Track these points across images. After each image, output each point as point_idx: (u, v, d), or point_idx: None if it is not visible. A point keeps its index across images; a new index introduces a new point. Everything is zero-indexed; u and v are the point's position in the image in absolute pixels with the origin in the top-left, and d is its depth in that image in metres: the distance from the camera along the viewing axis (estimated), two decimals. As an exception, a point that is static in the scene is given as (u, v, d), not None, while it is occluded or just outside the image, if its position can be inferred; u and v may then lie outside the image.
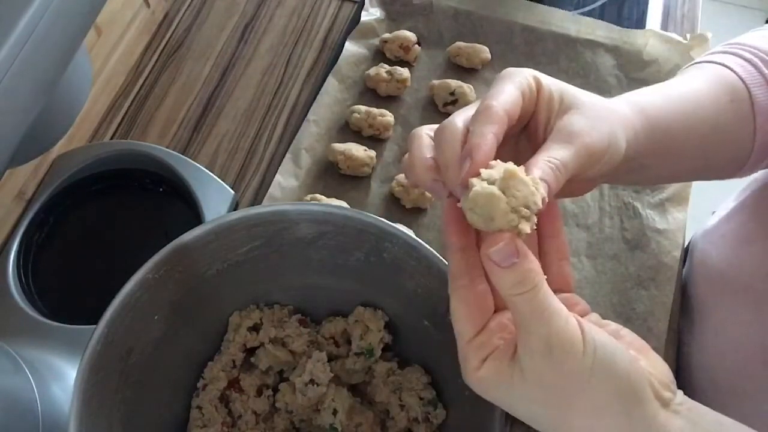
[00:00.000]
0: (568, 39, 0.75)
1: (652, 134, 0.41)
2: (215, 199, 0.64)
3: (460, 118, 0.35)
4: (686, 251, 0.66)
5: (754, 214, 0.55)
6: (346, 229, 0.48)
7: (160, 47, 0.77)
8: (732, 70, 0.46)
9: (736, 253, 0.56)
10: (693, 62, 0.50)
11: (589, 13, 0.78)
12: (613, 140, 0.36)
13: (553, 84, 0.36)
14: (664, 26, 0.80)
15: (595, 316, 0.35)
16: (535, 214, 0.31)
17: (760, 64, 0.46)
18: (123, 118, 0.73)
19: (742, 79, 0.45)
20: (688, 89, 0.45)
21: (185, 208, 0.65)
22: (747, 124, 0.45)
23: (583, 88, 0.39)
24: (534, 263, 0.30)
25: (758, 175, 0.56)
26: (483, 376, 0.33)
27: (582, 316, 0.33)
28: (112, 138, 0.72)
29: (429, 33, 0.76)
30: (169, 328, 0.48)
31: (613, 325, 0.35)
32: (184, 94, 0.74)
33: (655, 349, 0.61)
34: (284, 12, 0.80)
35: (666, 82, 0.47)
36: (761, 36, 0.48)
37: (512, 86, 0.35)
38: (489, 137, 0.32)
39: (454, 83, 0.70)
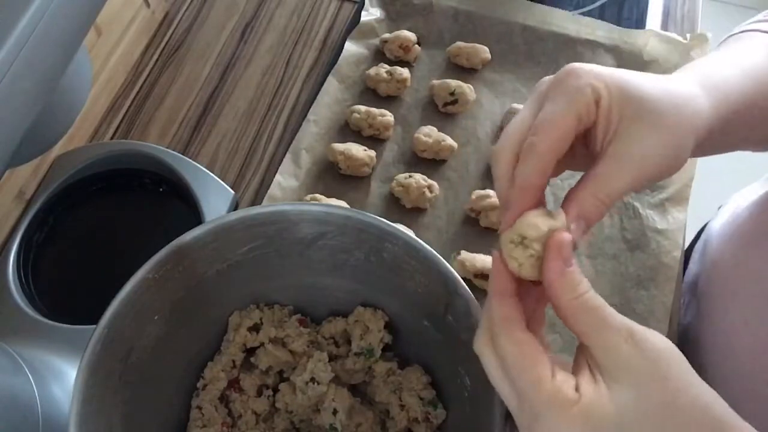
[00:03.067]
0: (568, 39, 0.75)
1: (724, 122, 0.38)
2: (215, 199, 0.64)
3: (510, 142, 0.35)
4: (689, 250, 0.66)
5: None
6: (346, 229, 0.48)
7: (160, 47, 0.77)
8: None
9: (754, 256, 0.55)
10: (738, 31, 0.48)
11: (589, 13, 0.78)
12: (676, 158, 0.34)
13: (614, 91, 0.33)
14: (664, 26, 0.80)
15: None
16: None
17: None
18: (123, 118, 0.73)
19: None
20: (760, 61, 0.42)
21: (185, 208, 0.65)
22: None
23: None
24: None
25: None
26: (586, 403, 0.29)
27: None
28: (112, 138, 0.72)
29: (429, 33, 0.76)
30: (169, 328, 0.48)
31: None
32: (184, 94, 0.74)
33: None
34: (284, 12, 0.80)
35: (730, 50, 0.44)
36: None
37: (567, 111, 0.32)
38: (524, 198, 0.33)
39: (454, 83, 0.70)
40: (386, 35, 0.74)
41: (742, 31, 0.48)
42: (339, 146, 0.66)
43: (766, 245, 0.54)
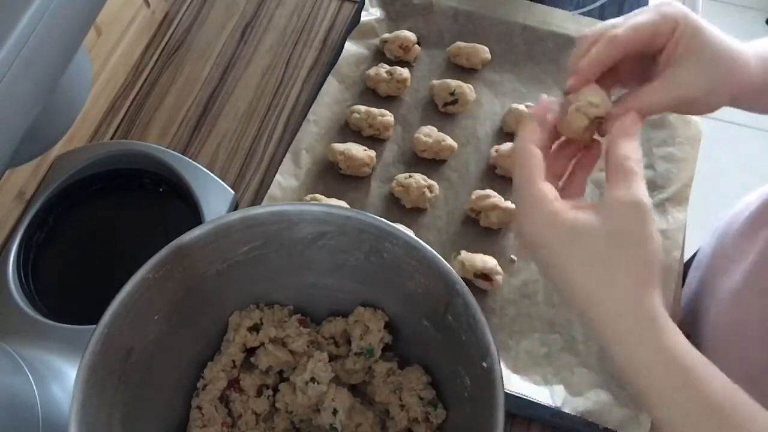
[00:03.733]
0: (568, 39, 0.75)
1: None
2: (215, 199, 0.64)
3: (597, 31, 0.42)
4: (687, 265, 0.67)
5: None
6: (346, 229, 0.48)
7: (160, 47, 0.77)
8: None
9: (758, 236, 0.58)
10: None
11: (589, 13, 0.78)
12: (707, 97, 0.42)
13: (690, 28, 0.40)
14: (664, 26, 0.80)
15: None
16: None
17: None
18: (123, 118, 0.73)
19: None
20: None
21: (185, 208, 0.65)
22: None
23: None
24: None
25: None
26: (560, 210, 0.37)
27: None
28: (112, 138, 0.72)
29: (429, 33, 0.76)
30: (169, 328, 0.48)
31: None
32: (184, 94, 0.74)
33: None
34: (284, 12, 0.80)
35: None
36: None
37: (649, 24, 0.40)
38: (591, 68, 0.41)
39: (454, 83, 0.70)
40: (386, 35, 0.74)
41: None
42: (339, 146, 0.66)
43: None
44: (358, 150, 0.66)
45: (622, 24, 0.41)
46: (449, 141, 0.67)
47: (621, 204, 0.36)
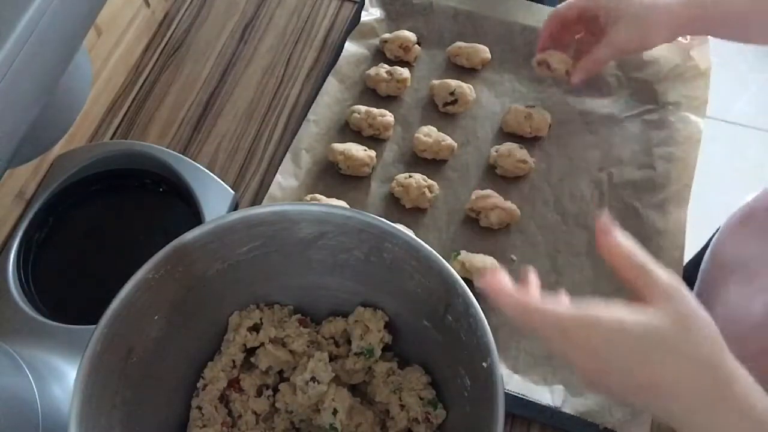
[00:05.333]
0: (568, 39, 0.75)
1: (707, 22, 0.59)
2: (215, 199, 0.64)
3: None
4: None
5: None
6: (346, 229, 0.48)
7: (160, 47, 0.77)
8: None
9: (756, 243, 0.60)
10: None
11: (589, 13, 0.78)
12: (642, 43, 0.61)
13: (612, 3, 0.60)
14: (664, 26, 0.80)
15: None
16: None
17: None
18: (123, 118, 0.73)
19: None
20: None
21: (185, 208, 0.65)
22: None
23: (583, 89, 0.41)
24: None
25: None
26: None
27: None
28: (112, 138, 0.72)
29: (429, 33, 0.76)
30: (169, 328, 0.48)
31: None
32: (184, 94, 0.74)
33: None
34: (284, 12, 0.80)
35: None
36: None
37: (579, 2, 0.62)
38: (543, 35, 0.66)
39: (454, 83, 0.70)
40: (386, 35, 0.74)
41: None
42: (339, 146, 0.66)
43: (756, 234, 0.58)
44: (358, 150, 0.66)
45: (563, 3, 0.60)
46: (449, 141, 0.67)
47: (668, 295, 0.35)
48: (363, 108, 0.69)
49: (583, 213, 0.66)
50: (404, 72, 0.71)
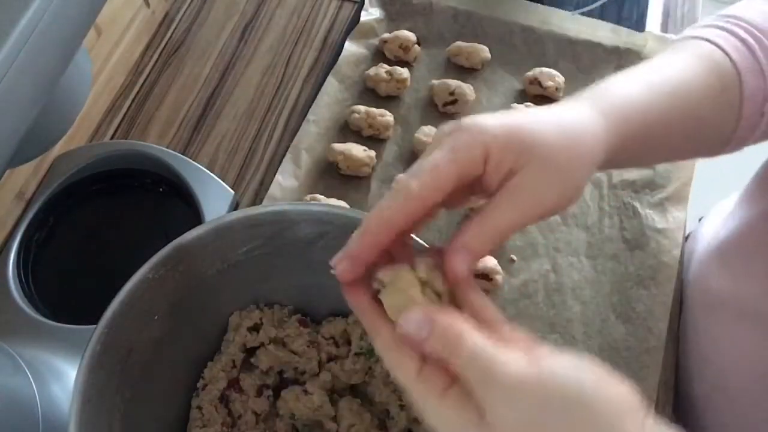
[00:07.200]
0: (567, 39, 0.75)
1: (632, 142, 0.39)
2: (215, 199, 0.64)
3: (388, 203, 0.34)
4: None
5: (754, 231, 0.53)
6: (346, 229, 0.47)
7: (160, 47, 0.77)
8: (727, 54, 0.43)
9: (738, 275, 0.54)
10: (685, 35, 0.47)
11: (589, 14, 0.78)
12: (569, 195, 0.35)
13: (503, 144, 0.33)
14: (664, 26, 0.80)
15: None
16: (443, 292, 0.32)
17: (755, 45, 0.43)
18: (123, 118, 0.73)
19: (735, 65, 0.43)
20: (678, 77, 0.42)
21: (185, 208, 0.65)
22: (733, 111, 0.43)
23: (583, 89, 0.39)
24: (450, 320, 0.29)
25: (754, 187, 0.55)
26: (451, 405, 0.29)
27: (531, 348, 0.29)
28: (112, 138, 0.72)
29: (429, 33, 0.76)
30: (169, 328, 0.48)
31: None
32: (184, 94, 0.74)
33: (654, 348, 0.61)
34: (284, 12, 0.80)
35: (657, 62, 0.44)
36: (759, 11, 0.45)
37: (450, 163, 0.33)
38: (384, 231, 0.34)
39: (453, 83, 0.70)
40: (386, 35, 0.74)
41: (690, 36, 0.46)
42: (339, 146, 0.66)
43: (749, 262, 0.53)
44: (358, 150, 0.66)
45: (415, 169, 0.33)
46: (449, 141, 0.67)
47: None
48: (363, 108, 0.69)
49: (583, 213, 0.66)
50: (404, 72, 0.71)
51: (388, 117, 0.68)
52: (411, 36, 0.73)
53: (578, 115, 0.37)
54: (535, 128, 0.34)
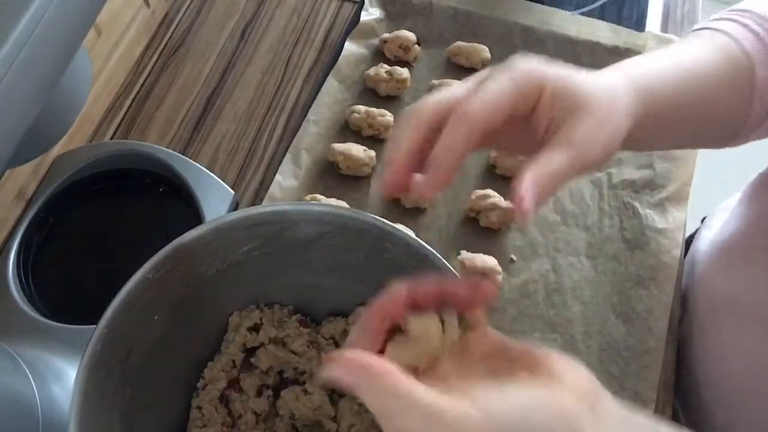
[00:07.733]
0: (567, 39, 0.75)
1: (652, 117, 0.41)
2: (215, 199, 0.64)
3: (431, 106, 0.35)
4: (685, 252, 0.66)
5: (759, 229, 0.54)
6: (346, 229, 0.48)
7: (160, 47, 0.77)
8: (741, 45, 0.44)
9: (743, 275, 0.55)
10: (700, 26, 0.49)
11: (589, 14, 0.78)
12: (610, 149, 0.36)
13: (557, 88, 0.35)
14: (664, 26, 0.80)
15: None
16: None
17: (767, 38, 0.45)
18: (123, 118, 0.73)
19: (749, 56, 0.44)
20: (695, 65, 0.44)
21: (185, 208, 0.65)
22: (744, 101, 0.45)
23: None
24: (367, 361, 0.28)
25: (757, 187, 0.55)
26: None
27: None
28: (112, 138, 0.72)
29: (429, 33, 0.76)
30: (169, 328, 0.48)
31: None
32: (184, 94, 0.74)
33: (654, 348, 0.61)
34: (284, 12, 0.80)
35: (676, 50, 0.46)
36: None
37: (507, 91, 0.34)
38: (449, 159, 0.32)
39: (454, 83, 0.69)
40: (386, 35, 0.74)
41: (705, 27, 0.48)
42: (339, 146, 0.66)
43: (753, 263, 0.53)
44: (358, 150, 0.66)
45: (469, 98, 0.33)
46: (449, 141, 0.67)
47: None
48: (363, 108, 0.69)
49: (583, 213, 0.66)
50: (404, 72, 0.71)
51: (388, 117, 0.68)
52: (411, 36, 0.73)
53: (613, 79, 0.39)
54: (586, 82, 0.36)
